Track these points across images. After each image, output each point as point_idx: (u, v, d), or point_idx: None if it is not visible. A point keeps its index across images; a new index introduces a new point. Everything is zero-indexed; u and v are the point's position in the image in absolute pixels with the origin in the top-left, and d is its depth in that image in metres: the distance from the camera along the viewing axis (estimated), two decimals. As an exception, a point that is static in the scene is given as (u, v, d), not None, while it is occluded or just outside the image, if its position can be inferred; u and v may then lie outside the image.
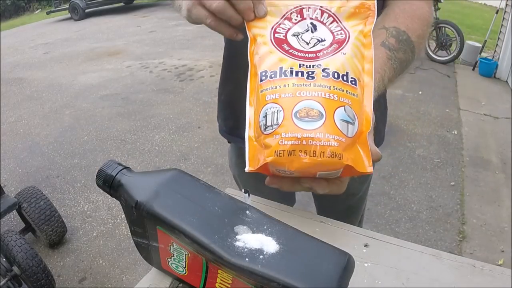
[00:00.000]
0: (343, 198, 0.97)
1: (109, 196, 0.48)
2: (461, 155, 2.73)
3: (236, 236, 0.40)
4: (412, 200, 2.28)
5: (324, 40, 0.45)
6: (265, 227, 0.42)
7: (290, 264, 0.38)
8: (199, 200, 0.44)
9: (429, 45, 4.67)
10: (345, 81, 0.41)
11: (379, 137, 0.86)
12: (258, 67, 0.45)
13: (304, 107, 0.39)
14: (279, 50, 0.44)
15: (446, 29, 4.56)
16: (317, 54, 0.43)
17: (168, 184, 0.45)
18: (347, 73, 0.42)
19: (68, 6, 9.04)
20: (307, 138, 0.38)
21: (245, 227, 0.42)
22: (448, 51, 4.59)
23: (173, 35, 6.38)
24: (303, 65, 0.42)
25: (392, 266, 0.53)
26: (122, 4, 9.60)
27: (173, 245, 0.45)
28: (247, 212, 0.44)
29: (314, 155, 0.38)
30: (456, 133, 3.04)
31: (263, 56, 0.45)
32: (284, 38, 0.45)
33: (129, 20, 8.15)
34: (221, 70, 0.85)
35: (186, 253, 0.44)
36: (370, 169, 0.41)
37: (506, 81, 4.11)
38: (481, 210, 2.18)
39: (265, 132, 0.40)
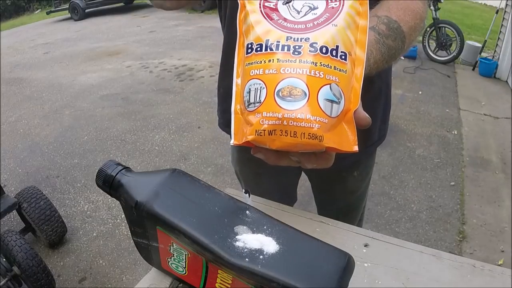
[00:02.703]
0: (343, 196, 0.97)
1: (109, 196, 0.48)
2: (461, 155, 2.73)
3: (236, 236, 0.40)
4: (412, 200, 2.28)
5: (317, 8, 0.42)
6: (265, 227, 0.42)
7: (290, 264, 0.38)
8: (199, 200, 0.44)
9: (429, 45, 4.67)
10: (333, 56, 0.39)
11: (372, 139, 0.86)
12: (245, 38, 0.43)
13: (287, 85, 0.37)
14: (267, 20, 0.42)
15: (446, 29, 4.56)
16: (307, 25, 0.41)
17: (168, 184, 0.45)
18: (337, 47, 0.40)
19: (68, 6, 9.04)
20: (288, 118, 0.36)
21: (245, 227, 0.42)
22: (448, 51, 4.59)
23: (173, 35, 6.38)
24: (291, 38, 0.40)
25: (392, 266, 0.53)
26: (122, 4, 9.60)
27: (173, 245, 0.45)
28: (247, 212, 0.44)
29: (295, 135, 0.37)
30: (456, 133, 3.04)
31: (251, 25, 0.42)
32: (274, 6, 0.43)
33: (129, 20, 8.15)
34: (220, 64, 0.85)
35: (186, 253, 0.44)
36: (355, 148, 0.40)
37: (506, 81, 4.11)
38: (481, 210, 2.18)
39: (248, 109, 0.39)
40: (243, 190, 0.52)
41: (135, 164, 2.70)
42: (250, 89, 0.39)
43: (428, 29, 4.67)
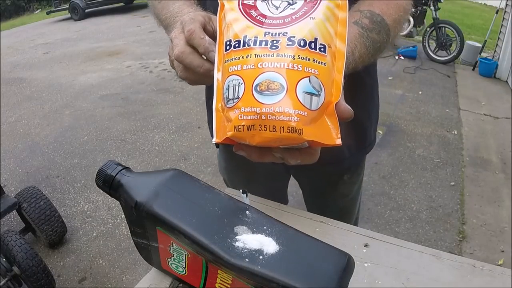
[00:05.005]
0: (334, 200, 0.95)
1: (109, 196, 0.48)
2: (461, 155, 2.73)
3: (236, 237, 0.40)
4: (412, 200, 2.28)
5: (295, 3, 0.42)
6: (265, 227, 0.42)
7: (289, 264, 0.38)
8: (199, 201, 0.44)
9: (429, 45, 4.67)
10: (312, 48, 0.39)
11: (369, 139, 0.85)
12: (224, 35, 0.43)
13: (265, 79, 0.37)
14: (245, 17, 0.42)
15: (446, 29, 4.56)
16: (285, 20, 0.41)
17: (168, 185, 0.45)
18: (315, 39, 0.39)
19: (68, 6, 9.04)
20: (266, 113, 0.36)
21: (245, 227, 0.42)
22: (448, 51, 4.59)
23: (173, 35, 6.37)
24: (269, 33, 0.40)
25: (392, 266, 0.53)
26: (122, 4, 9.59)
27: (173, 246, 0.45)
28: (247, 212, 0.44)
29: (274, 130, 0.36)
30: (456, 133, 3.04)
31: (229, 23, 0.42)
32: (253, 4, 0.43)
33: (129, 20, 8.15)
34: None
35: (186, 253, 0.44)
36: (338, 141, 0.39)
37: (506, 81, 4.11)
38: (481, 210, 2.18)
39: (227, 106, 0.39)
40: (241, 191, 0.52)
41: (135, 164, 2.70)
42: (229, 85, 0.39)
43: (428, 29, 4.67)
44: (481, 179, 2.46)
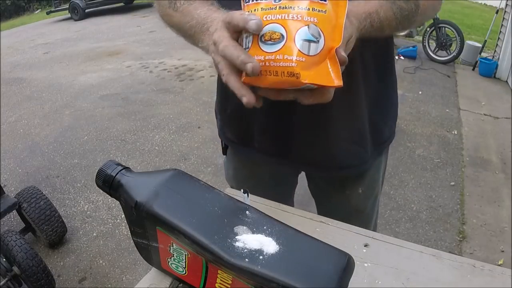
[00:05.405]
0: (348, 216, 0.90)
1: (109, 196, 0.48)
2: (461, 155, 2.73)
3: (236, 237, 0.40)
4: (412, 200, 2.28)
5: None
6: (265, 227, 0.42)
7: (289, 264, 0.38)
8: (199, 201, 0.44)
9: (429, 45, 4.68)
10: None
11: (384, 136, 0.83)
12: None
13: (268, 30, 0.42)
14: None
15: (446, 29, 4.56)
16: None
17: (168, 185, 0.45)
18: None
19: (68, 6, 9.03)
20: (269, 60, 0.41)
21: (245, 227, 0.42)
22: (448, 51, 4.59)
23: (173, 35, 6.22)
24: None
25: (392, 266, 0.53)
26: (122, 4, 9.59)
27: (173, 246, 0.45)
28: (247, 212, 0.44)
29: (276, 74, 0.41)
30: (456, 133, 3.04)
31: None
32: None
33: (129, 20, 8.15)
34: (220, 87, 0.82)
35: (186, 254, 0.44)
36: (336, 82, 0.42)
37: (506, 81, 4.11)
38: (481, 210, 2.18)
39: None
40: (242, 190, 0.52)
41: (135, 164, 2.70)
42: (242, 38, 0.45)
43: (428, 29, 4.67)
44: (481, 179, 2.46)
